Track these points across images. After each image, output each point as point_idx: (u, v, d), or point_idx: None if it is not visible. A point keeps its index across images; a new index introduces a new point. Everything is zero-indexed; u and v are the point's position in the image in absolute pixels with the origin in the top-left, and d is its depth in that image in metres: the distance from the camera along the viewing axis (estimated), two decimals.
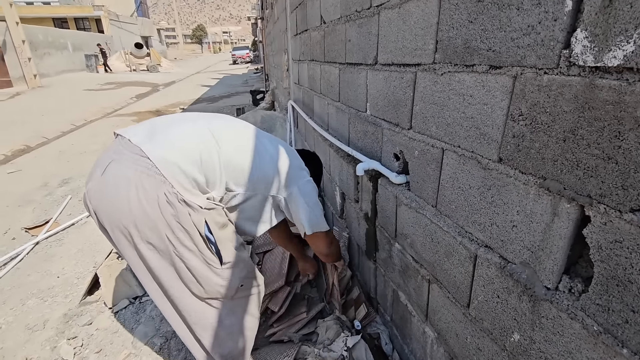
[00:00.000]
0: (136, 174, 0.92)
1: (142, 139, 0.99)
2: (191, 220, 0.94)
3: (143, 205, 0.92)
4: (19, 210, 3.05)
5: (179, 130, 1.03)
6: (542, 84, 0.59)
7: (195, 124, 1.07)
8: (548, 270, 0.62)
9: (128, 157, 0.95)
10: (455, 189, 0.85)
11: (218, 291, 1.05)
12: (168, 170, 0.93)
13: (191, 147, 0.99)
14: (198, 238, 0.97)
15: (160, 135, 1.00)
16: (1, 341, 1.59)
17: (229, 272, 1.05)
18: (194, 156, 0.98)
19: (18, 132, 5.70)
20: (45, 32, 14.50)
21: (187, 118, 1.12)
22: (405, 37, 1.01)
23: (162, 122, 1.08)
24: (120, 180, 0.93)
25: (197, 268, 1.00)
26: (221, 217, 1.02)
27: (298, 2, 2.55)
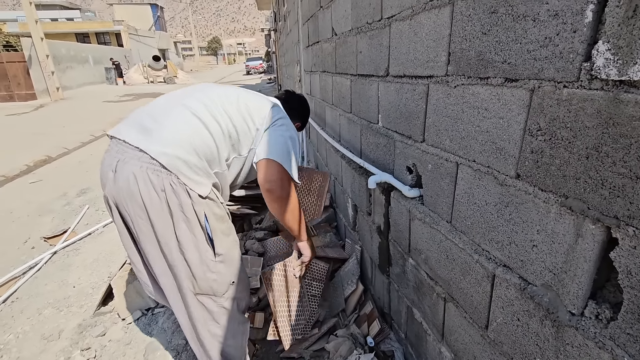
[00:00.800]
0: (142, 170, 0.99)
1: (137, 137, 1.04)
2: (193, 210, 1.02)
3: (152, 196, 0.99)
4: (38, 220, 3.14)
5: (170, 122, 1.07)
6: (561, 98, 0.56)
7: (180, 113, 1.10)
8: (572, 295, 0.58)
9: (132, 155, 1.01)
10: (471, 204, 0.82)
11: (210, 286, 1.10)
12: (171, 164, 0.99)
13: (187, 137, 1.04)
14: (198, 227, 1.04)
15: (154, 131, 1.05)
16: (18, 351, 1.62)
17: (222, 266, 1.11)
18: (190, 145, 1.04)
19: (40, 143, 5.91)
20: (68, 47, 15.12)
21: (168, 106, 1.14)
22: (417, 48, 0.99)
23: (148, 115, 1.11)
24: (129, 176, 1.00)
25: (193, 260, 1.05)
26: (219, 209, 1.10)
27: (310, 14, 2.58)
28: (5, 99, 12.61)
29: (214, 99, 1.17)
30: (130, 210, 1.02)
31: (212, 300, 1.12)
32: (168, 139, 1.03)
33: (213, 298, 1.12)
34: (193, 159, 1.03)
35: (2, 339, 1.71)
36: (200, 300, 1.11)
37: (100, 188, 3.64)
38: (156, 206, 1.00)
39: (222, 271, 1.11)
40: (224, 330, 1.16)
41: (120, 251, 2.44)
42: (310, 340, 1.47)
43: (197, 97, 1.16)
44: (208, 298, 1.11)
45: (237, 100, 1.20)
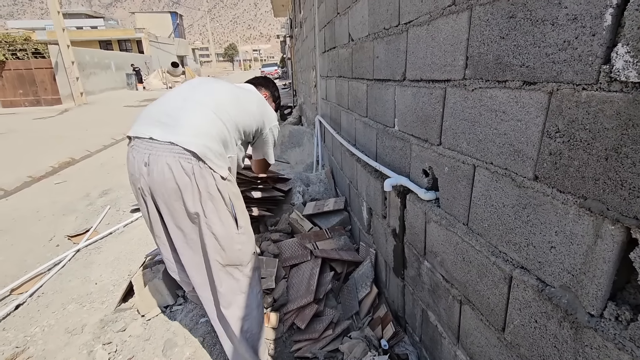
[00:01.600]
0: (175, 160, 1.12)
1: (163, 133, 1.16)
2: (217, 189, 1.17)
3: (185, 181, 1.13)
4: (63, 219, 3.26)
5: (189, 116, 1.21)
6: (580, 100, 0.57)
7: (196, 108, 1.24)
8: (591, 296, 0.58)
9: (164, 149, 1.14)
10: (488, 206, 0.83)
11: (237, 256, 1.25)
12: (200, 151, 1.13)
13: (207, 128, 1.19)
14: (222, 204, 1.19)
15: (177, 126, 1.18)
16: (44, 343, 1.69)
17: (245, 237, 1.27)
18: (212, 134, 1.19)
19: (65, 146, 6.14)
20: (92, 54, 15.70)
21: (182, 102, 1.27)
22: (434, 53, 1.01)
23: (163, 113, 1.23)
24: (164, 167, 1.13)
25: (221, 234, 1.19)
26: (236, 189, 1.28)
27: (326, 20, 2.62)
28: (33, 104, 13.17)
29: (217, 92, 1.33)
30: (166, 196, 1.15)
31: (239, 270, 1.27)
32: (193, 130, 1.16)
33: (239, 268, 1.26)
34: (215, 145, 1.18)
35: (29, 331, 1.78)
36: (229, 271, 1.24)
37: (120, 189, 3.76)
38: (188, 188, 1.13)
39: (245, 241, 1.27)
40: (248, 299, 1.29)
41: (140, 250, 2.51)
42: (324, 341, 1.48)
43: (203, 91, 1.31)
44: (235, 268, 1.25)
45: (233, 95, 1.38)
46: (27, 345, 1.69)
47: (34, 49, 12.97)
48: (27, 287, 2.19)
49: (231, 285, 1.26)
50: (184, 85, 1.39)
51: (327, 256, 1.86)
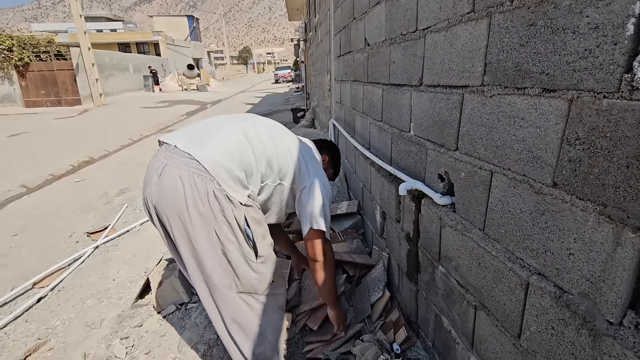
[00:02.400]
0: (189, 174, 1.06)
1: (188, 144, 1.13)
2: (233, 215, 1.08)
3: (196, 200, 1.05)
4: (82, 216, 3.36)
5: (218, 135, 1.18)
6: (601, 108, 0.57)
7: (229, 128, 1.22)
8: (610, 303, 0.58)
9: (180, 161, 1.09)
10: (505, 212, 0.83)
11: (252, 285, 1.17)
12: (215, 170, 1.07)
13: (230, 149, 1.14)
14: (238, 231, 1.10)
15: (203, 140, 1.15)
16: (64, 335, 1.75)
17: (263, 266, 1.18)
18: (233, 156, 1.12)
19: (84, 145, 6.33)
20: (111, 56, 16.13)
21: (220, 122, 1.26)
22: (452, 59, 1.02)
23: (200, 129, 1.23)
24: (176, 180, 1.06)
25: (236, 260, 1.12)
26: (257, 214, 1.17)
27: (342, 25, 2.65)
28: (54, 104, 13.60)
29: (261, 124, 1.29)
30: (169, 213, 1.07)
31: (254, 298, 1.19)
32: (214, 148, 1.12)
33: (254, 296, 1.19)
34: (234, 169, 1.11)
35: (50, 324, 1.85)
36: (243, 298, 1.17)
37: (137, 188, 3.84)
38: (200, 210, 1.05)
39: (263, 271, 1.18)
40: (262, 325, 1.21)
41: (156, 249, 2.57)
42: (336, 343, 1.49)
43: (251, 120, 1.28)
44: (249, 296, 1.18)
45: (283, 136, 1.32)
46: (48, 337, 1.75)
47: (56, 51, 13.41)
48: (49, 281, 2.27)
49: (243, 310, 1.17)
50: (241, 114, 1.38)
51: (340, 259, 1.87)
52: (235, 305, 1.17)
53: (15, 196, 3.99)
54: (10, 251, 2.73)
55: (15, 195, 4.02)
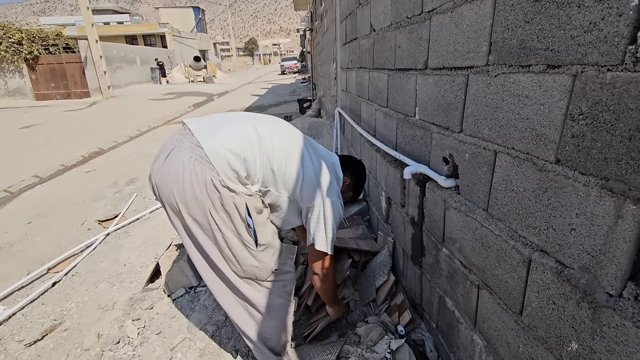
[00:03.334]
0: (191, 161, 1.07)
1: (201, 132, 1.14)
2: (233, 203, 1.08)
3: (193, 187, 1.07)
4: (93, 205, 3.43)
5: (231, 129, 1.17)
6: (604, 82, 0.57)
7: (244, 125, 1.19)
8: (611, 276, 0.59)
9: (187, 146, 1.10)
10: (508, 191, 0.84)
11: (253, 272, 1.17)
12: (217, 161, 1.07)
13: (238, 145, 1.11)
14: (238, 220, 1.10)
15: (216, 131, 1.14)
16: (79, 317, 1.81)
17: (264, 254, 1.17)
18: (239, 153, 1.10)
19: (94, 137, 6.42)
20: (119, 48, 16.20)
21: (238, 117, 1.25)
22: (458, 40, 1.01)
23: (219, 120, 1.22)
24: (178, 164, 1.08)
25: (236, 247, 1.13)
26: (258, 203, 1.15)
27: (348, 12, 2.63)
28: (64, 97, 13.77)
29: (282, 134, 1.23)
30: (169, 194, 1.11)
31: (257, 284, 1.20)
32: (223, 140, 1.11)
33: (257, 281, 1.20)
34: (237, 164, 1.09)
35: (65, 306, 1.91)
36: (246, 282, 1.19)
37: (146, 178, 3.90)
38: (197, 196, 1.07)
39: (265, 259, 1.18)
40: (267, 308, 1.22)
41: (166, 235, 2.63)
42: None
43: (269, 123, 1.23)
44: (252, 281, 1.19)
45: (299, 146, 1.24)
46: (63, 318, 1.81)
47: (64, 44, 13.52)
48: (62, 266, 2.34)
49: (246, 294, 1.20)
50: (259, 114, 1.34)
51: (345, 246, 1.89)
52: (238, 289, 1.19)
53: (28, 186, 4.09)
54: (25, 238, 2.81)
55: (28, 185, 4.11)
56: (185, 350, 1.53)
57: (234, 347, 1.52)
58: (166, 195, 1.12)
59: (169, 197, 1.12)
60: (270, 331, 1.26)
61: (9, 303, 1.99)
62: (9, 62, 12.89)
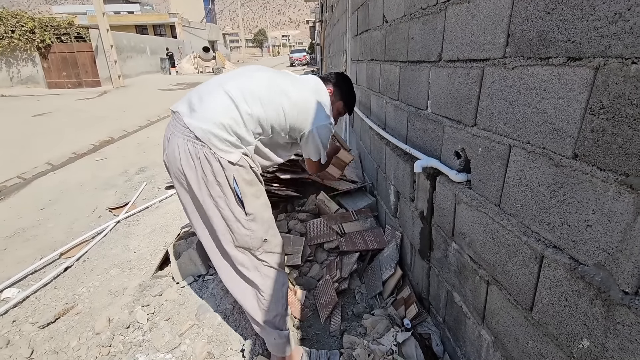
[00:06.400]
0: (184, 142, 1.19)
1: (185, 112, 1.24)
2: (224, 175, 1.19)
3: (189, 163, 1.19)
4: (104, 193, 3.49)
5: (208, 101, 1.25)
6: (628, 75, 0.56)
7: (218, 93, 1.26)
8: (627, 274, 0.58)
9: (179, 130, 1.22)
10: (522, 187, 0.82)
11: (246, 241, 1.26)
12: (204, 137, 1.17)
13: (217, 115, 1.21)
14: (228, 189, 1.20)
15: (196, 108, 1.24)
16: (90, 301, 1.85)
17: (253, 224, 1.25)
18: (221, 122, 1.20)
19: (104, 126, 6.49)
20: (129, 38, 16.26)
21: (212, 86, 1.31)
22: (474, 32, 0.99)
23: (197, 95, 1.30)
24: (174, 148, 1.21)
25: (229, 217, 1.22)
26: (248, 175, 1.24)
27: (360, 2, 2.59)
28: (75, 85, 13.91)
29: (252, 82, 1.31)
30: (176, 175, 1.25)
31: (250, 253, 1.29)
32: (204, 116, 1.21)
33: (251, 251, 1.28)
34: (223, 133, 1.19)
35: (77, 291, 1.96)
36: (241, 252, 1.28)
37: (155, 167, 3.99)
38: (192, 171, 1.19)
39: (254, 228, 1.26)
40: (262, 280, 1.30)
41: (175, 224, 2.66)
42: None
43: (239, 81, 1.31)
44: (247, 250, 1.28)
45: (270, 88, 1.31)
46: (75, 302, 1.85)
47: (76, 32, 13.61)
48: (74, 252, 2.38)
49: (243, 264, 1.28)
50: (231, 71, 1.41)
51: (353, 248, 1.87)
52: (235, 259, 1.28)
53: (41, 173, 4.16)
54: (38, 223, 2.87)
55: (41, 172, 4.18)
56: (193, 336, 1.56)
57: (241, 334, 1.54)
58: (173, 173, 1.27)
59: (176, 177, 1.26)
60: (269, 302, 1.31)
61: (23, 286, 2.04)
62: (22, 50, 13.03)
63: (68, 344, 1.57)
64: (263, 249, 1.29)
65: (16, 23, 12.43)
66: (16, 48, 12.84)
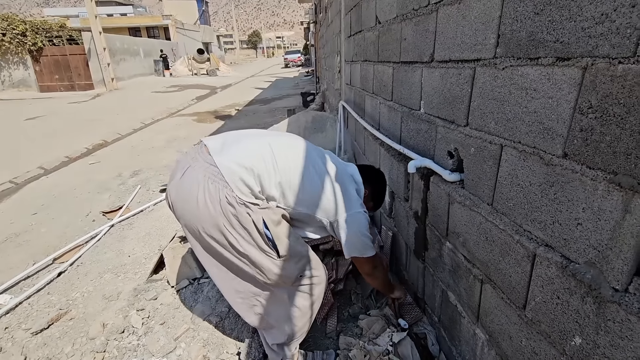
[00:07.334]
0: (204, 179, 1.09)
1: (216, 150, 1.15)
2: (250, 219, 1.07)
3: (207, 205, 1.07)
4: (97, 196, 3.45)
5: (245, 145, 1.17)
6: (615, 74, 0.56)
7: (259, 141, 1.19)
8: (617, 271, 0.58)
9: (201, 165, 1.12)
10: (514, 186, 0.83)
11: (277, 282, 1.17)
12: (230, 177, 1.07)
13: (251, 160, 1.11)
14: (256, 234, 1.10)
15: (230, 149, 1.15)
16: (84, 307, 1.83)
17: (287, 264, 1.16)
18: (253, 169, 1.10)
19: (98, 129, 6.44)
20: (122, 40, 16.15)
21: (253, 134, 1.26)
22: (465, 32, 1.00)
23: (235, 136, 1.24)
24: (192, 183, 1.10)
25: (259, 260, 1.13)
26: (275, 215, 1.13)
27: (353, 4, 2.59)
28: (68, 89, 13.79)
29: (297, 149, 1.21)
30: (185, 212, 1.13)
31: (285, 288, 1.21)
32: (237, 156, 1.11)
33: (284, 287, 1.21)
34: (251, 181, 1.09)
35: (70, 296, 1.94)
36: (274, 288, 1.20)
37: (149, 170, 3.94)
38: (211, 214, 1.07)
39: (288, 268, 1.17)
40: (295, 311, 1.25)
41: (170, 227, 2.64)
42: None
43: (284, 140, 1.24)
44: (280, 287, 1.21)
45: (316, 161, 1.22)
46: (69, 307, 1.83)
47: (68, 35, 13.50)
48: (68, 256, 2.36)
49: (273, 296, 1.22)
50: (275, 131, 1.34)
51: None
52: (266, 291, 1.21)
53: (33, 177, 4.12)
54: (31, 228, 2.84)
55: (33, 176, 4.14)
56: (189, 340, 1.55)
57: (237, 338, 1.53)
58: (182, 214, 1.14)
59: (185, 216, 1.14)
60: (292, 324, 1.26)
61: (15, 292, 2.02)
62: (13, 54, 12.89)
63: (62, 350, 1.55)
64: (298, 283, 1.22)
65: (7, 26, 12.30)
66: (7, 51, 12.71)
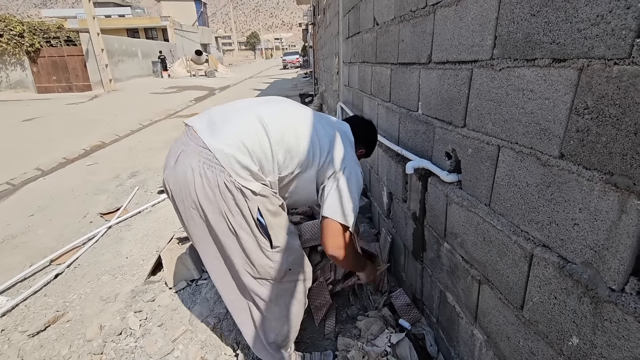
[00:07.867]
0: (199, 164, 1.05)
1: (204, 130, 1.10)
2: (247, 206, 1.07)
3: (206, 190, 1.06)
4: (95, 198, 3.44)
5: (234, 123, 1.12)
6: (611, 75, 0.57)
7: (247, 116, 1.14)
8: (613, 271, 0.59)
9: (193, 149, 1.08)
10: (511, 186, 0.83)
11: (268, 272, 1.16)
12: (226, 161, 1.05)
13: (244, 139, 1.08)
14: (251, 221, 1.09)
15: (219, 129, 1.11)
16: (81, 309, 1.82)
17: (279, 255, 1.16)
18: (247, 148, 1.07)
19: (95, 130, 6.42)
20: (120, 41, 16.12)
21: (240, 108, 1.19)
22: (462, 34, 1.00)
23: (220, 114, 1.17)
24: (187, 169, 1.07)
25: (251, 249, 1.12)
26: (273, 205, 1.12)
27: (351, 5, 2.60)
28: (65, 90, 13.74)
29: (287, 113, 1.20)
30: (184, 199, 1.10)
31: (271, 284, 1.19)
32: (229, 137, 1.08)
33: (270, 282, 1.19)
34: (247, 161, 1.06)
35: (67, 298, 1.93)
36: (260, 284, 1.18)
37: (147, 171, 3.93)
38: (210, 199, 1.06)
39: (279, 260, 1.16)
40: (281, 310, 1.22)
41: (167, 228, 2.64)
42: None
43: (272, 107, 1.20)
44: (267, 282, 1.18)
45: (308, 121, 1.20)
46: (66, 309, 1.83)
47: (66, 36, 13.45)
48: (65, 258, 2.35)
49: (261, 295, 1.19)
50: (265, 97, 1.30)
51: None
52: (252, 288, 1.18)
53: (30, 178, 4.10)
54: (28, 230, 2.82)
55: (30, 177, 4.12)
56: (186, 342, 1.54)
57: (235, 340, 1.53)
58: (182, 199, 1.11)
59: (184, 201, 1.11)
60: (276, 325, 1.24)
61: (12, 294, 2.00)
62: (10, 55, 12.84)
63: (59, 353, 1.55)
64: (287, 279, 1.21)
65: (4, 27, 12.25)
66: (4, 52, 12.65)
